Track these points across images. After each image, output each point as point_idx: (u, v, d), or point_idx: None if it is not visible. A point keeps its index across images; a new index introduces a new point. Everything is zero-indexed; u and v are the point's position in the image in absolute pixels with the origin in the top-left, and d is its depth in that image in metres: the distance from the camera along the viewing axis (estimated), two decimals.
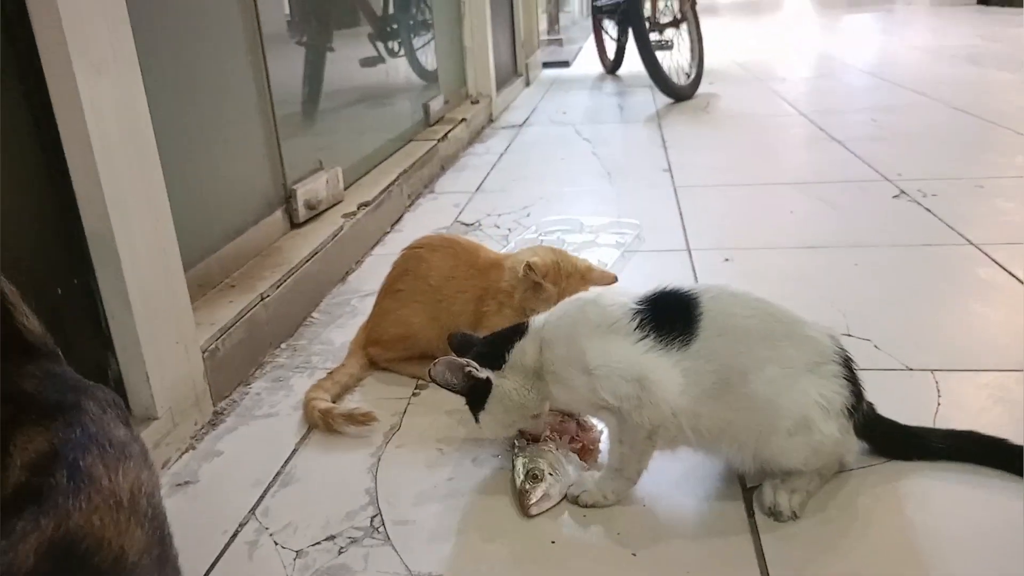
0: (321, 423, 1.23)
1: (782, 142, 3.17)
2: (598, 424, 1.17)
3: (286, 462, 1.18)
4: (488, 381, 1.04)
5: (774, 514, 0.99)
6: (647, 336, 0.98)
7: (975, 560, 0.91)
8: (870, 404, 1.05)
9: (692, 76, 4.22)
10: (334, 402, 1.28)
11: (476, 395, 1.06)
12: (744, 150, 3.04)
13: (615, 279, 1.37)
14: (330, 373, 1.36)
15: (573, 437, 1.14)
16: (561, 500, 1.04)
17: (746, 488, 1.05)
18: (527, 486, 1.03)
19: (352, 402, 1.33)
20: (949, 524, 0.96)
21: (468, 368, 1.04)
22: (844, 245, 1.91)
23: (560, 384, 1.02)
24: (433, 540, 1.00)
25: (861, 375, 1.02)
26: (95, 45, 1.05)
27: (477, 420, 1.08)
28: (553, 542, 0.98)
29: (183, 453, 1.21)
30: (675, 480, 1.08)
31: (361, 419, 1.22)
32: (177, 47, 1.44)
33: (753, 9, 11.36)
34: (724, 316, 0.99)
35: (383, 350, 1.42)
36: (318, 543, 1.00)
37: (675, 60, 4.22)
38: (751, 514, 1.00)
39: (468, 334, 1.14)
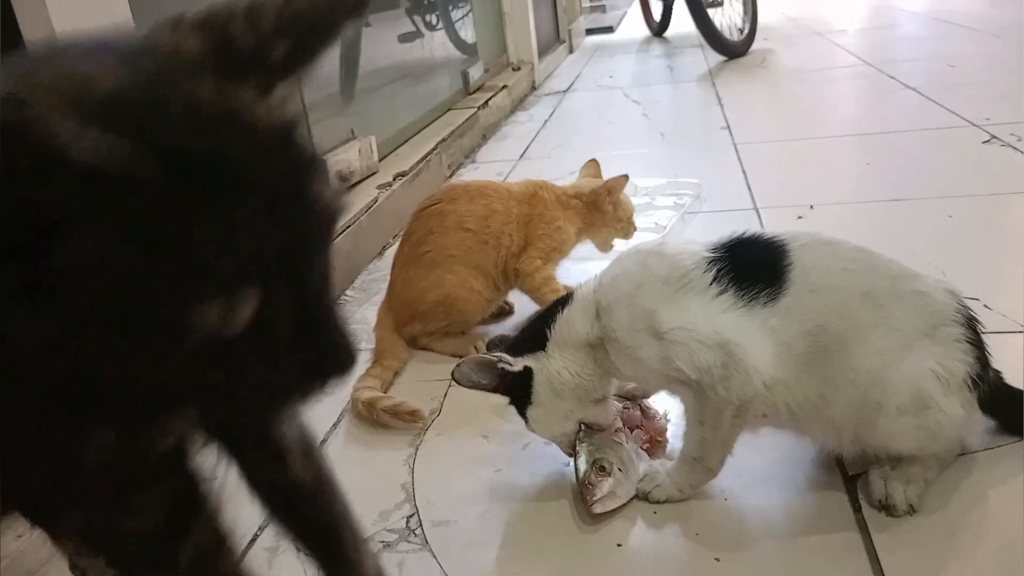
0: (365, 414, 1.10)
1: (849, 94, 2.93)
2: (660, 409, 1.02)
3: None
4: (528, 371, 0.88)
5: (886, 508, 0.82)
6: (726, 290, 0.81)
7: None
8: (997, 373, 0.87)
9: (745, 32, 3.96)
10: (385, 391, 1.15)
11: (518, 390, 0.90)
12: (808, 104, 2.81)
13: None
14: (377, 360, 1.22)
15: (639, 426, 0.98)
16: (629, 502, 0.88)
17: (848, 477, 0.88)
18: (593, 478, 0.87)
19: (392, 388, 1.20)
20: None
21: (500, 364, 0.88)
22: (933, 196, 1.70)
23: (624, 354, 0.85)
24: (477, 545, 0.85)
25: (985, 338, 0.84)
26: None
27: (527, 420, 0.91)
28: (619, 545, 0.83)
29: None
30: (760, 469, 0.91)
31: (408, 416, 1.08)
32: None
33: None
34: (818, 269, 0.81)
35: (423, 323, 1.27)
36: None
37: (727, 16, 3.97)
38: (857, 508, 0.84)
39: (505, 335, 0.99)
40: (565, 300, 0.91)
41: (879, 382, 0.79)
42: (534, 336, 0.90)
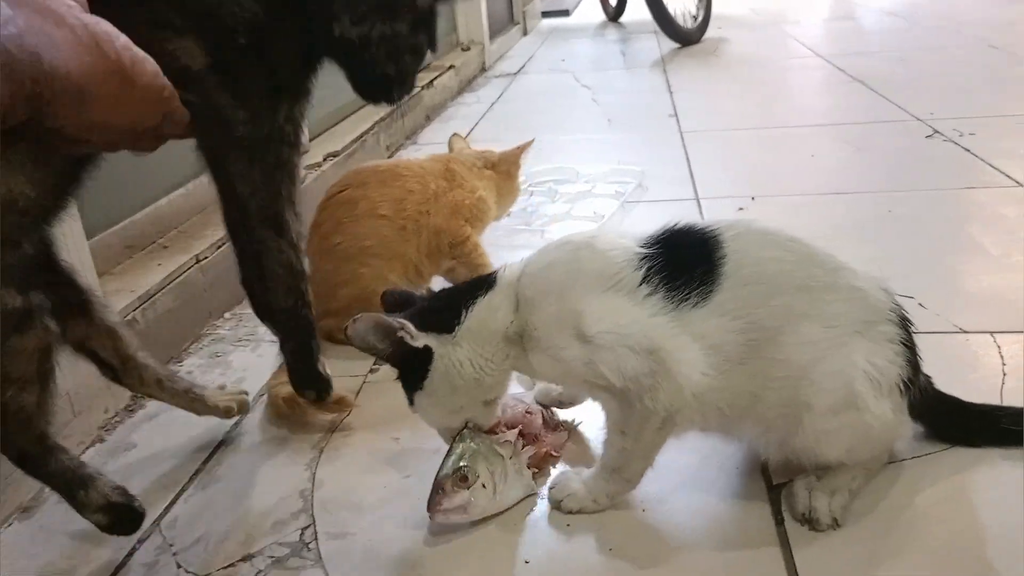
0: (288, 412, 1.02)
1: (799, 86, 2.91)
2: (564, 415, 0.95)
3: (209, 457, 0.97)
4: (427, 351, 0.79)
5: (810, 521, 0.77)
6: (658, 290, 0.75)
7: None
8: (927, 377, 0.83)
9: (699, 19, 3.92)
10: None
11: (411, 368, 0.81)
12: (757, 95, 2.78)
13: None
14: None
15: (536, 436, 0.90)
16: (480, 520, 0.81)
17: (772, 487, 0.84)
18: (447, 485, 0.79)
19: None
20: None
21: (401, 332, 0.79)
22: (875, 190, 1.67)
23: (544, 354, 0.78)
24: (374, 560, 0.79)
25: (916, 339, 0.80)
26: None
27: (411, 403, 0.83)
28: (527, 562, 0.77)
29: (88, 447, 1.00)
30: (680, 474, 0.86)
31: (335, 406, 1.00)
32: None
33: None
34: (752, 259, 0.76)
35: (338, 319, 1.19)
36: (232, 564, 0.79)
37: (681, 2, 3.93)
38: (779, 521, 0.79)
39: (408, 292, 0.89)
40: (487, 283, 0.82)
41: (809, 377, 0.74)
42: (444, 314, 0.81)
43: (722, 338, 0.74)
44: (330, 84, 0.77)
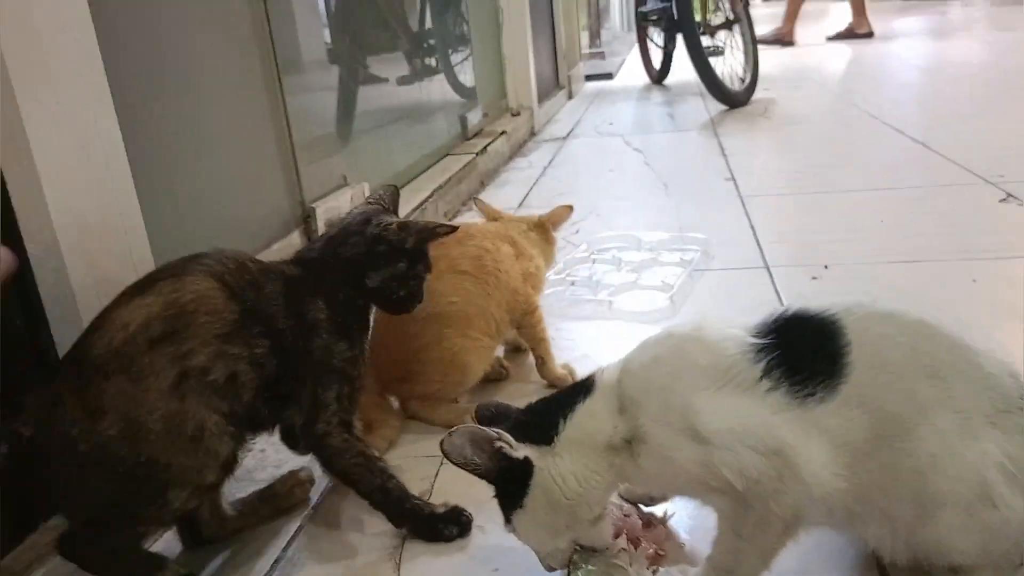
0: None
1: (855, 146, 2.87)
2: (657, 511, 0.90)
3: (289, 544, 0.94)
4: (528, 463, 0.76)
5: None
6: (779, 385, 0.70)
7: None
8: None
9: (747, 81, 3.94)
10: None
11: (510, 484, 0.77)
12: (814, 156, 2.75)
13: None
14: (370, 430, 1.10)
15: (638, 538, 0.85)
16: None
17: None
18: None
19: None
20: None
21: (499, 443, 0.76)
22: (954, 258, 1.62)
23: (655, 457, 0.74)
24: None
25: None
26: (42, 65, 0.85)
27: (508, 520, 0.78)
28: None
29: None
30: (788, 568, 0.80)
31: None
32: (187, 73, 1.25)
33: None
34: (878, 346, 0.71)
35: (415, 384, 1.16)
36: None
37: (728, 65, 3.95)
38: None
39: (503, 404, 0.85)
40: (584, 388, 0.79)
41: (940, 470, 0.69)
42: (543, 424, 0.78)
43: (851, 433, 0.69)
44: (387, 157, 0.77)
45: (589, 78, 5.72)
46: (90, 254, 0.90)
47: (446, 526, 0.91)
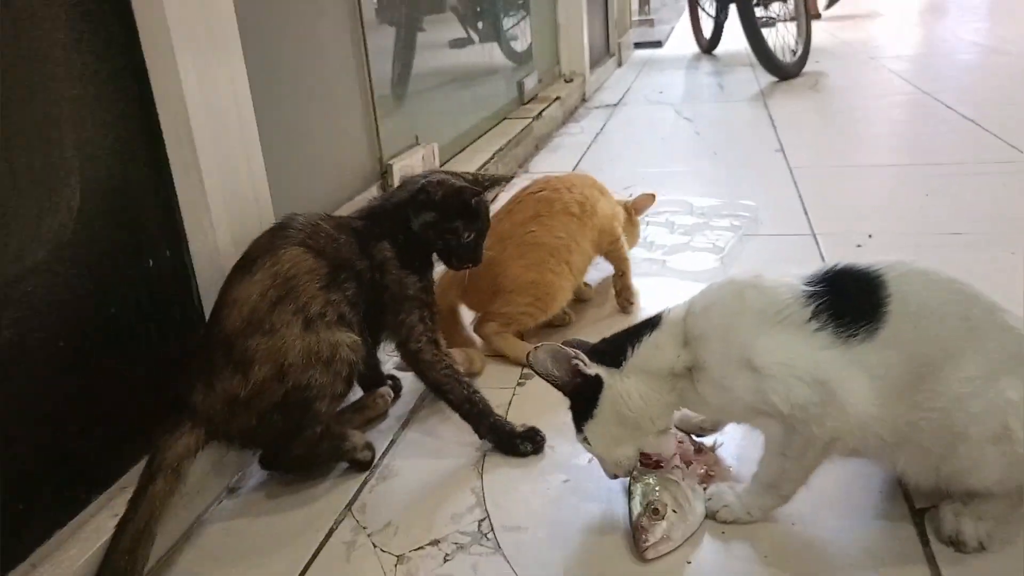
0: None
1: (905, 122, 2.91)
2: (708, 440, 1.03)
3: (384, 453, 1.08)
4: (598, 380, 0.89)
5: (956, 543, 0.83)
6: (825, 326, 0.82)
7: None
8: None
9: (799, 53, 3.96)
10: None
11: (582, 399, 0.90)
12: (863, 130, 2.80)
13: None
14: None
15: (690, 460, 0.98)
16: (683, 543, 0.87)
17: (915, 510, 0.90)
18: (645, 522, 0.86)
19: None
20: None
21: (575, 361, 0.89)
22: (995, 232, 1.70)
23: (714, 385, 0.86)
24: (550, 551, 0.88)
25: None
26: (195, 24, 0.98)
27: (579, 431, 0.92)
28: (689, 562, 0.85)
29: None
30: (827, 496, 0.92)
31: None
32: (281, 22, 1.37)
33: None
34: (915, 298, 0.82)
35: (506, 303, 1.30)
36: (421, 547, 0.90)
37: (780, 36, 3.97)
38: (925, 542, 0.85)
39: (582, 341, 0.97)
40: (653, 322, 0.91)
41: (965, 409, 0.79)
42: (614, 350, 0.91)
43: (886, 371, 0.80)
44: (453, 119, 0.89)
45: (638, 45, 5.74)
46: (231, 215, 1.05)
47: (523, 442, 1.05)
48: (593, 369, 0.89)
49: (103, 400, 0.91)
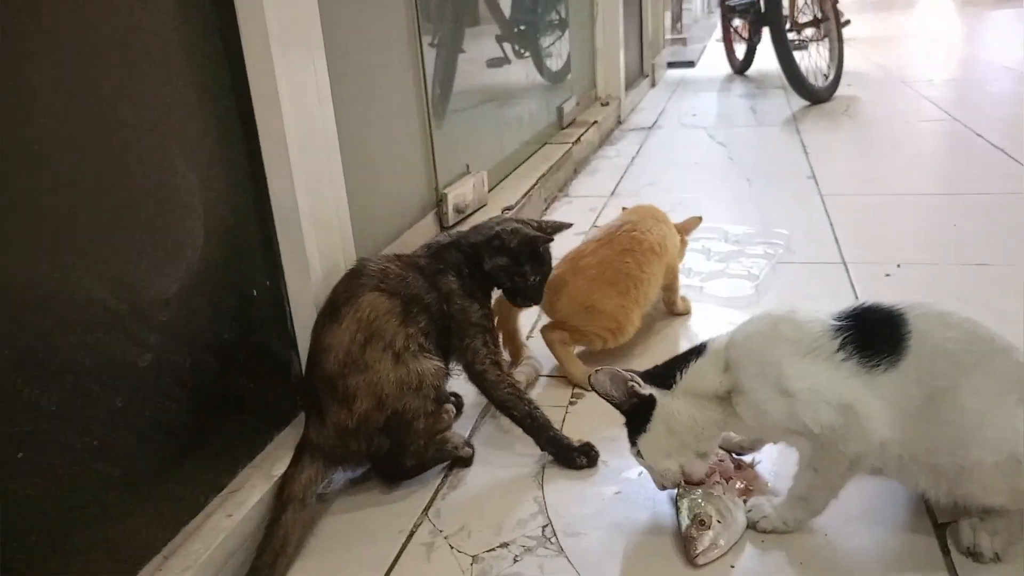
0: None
1: (936, 150, 2.99)
2: (747, 458, 1.14)
3: (450, 465, 1.20)
4: (652, 399, 1.01)
5: (973, 555, 0.93)
6: (851, 357, 0.93)
7: None
8: None
9: (831, 78, 4.05)
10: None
11: (637, 416, 1.02)
12: (893, 157, 2.89)
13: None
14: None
15: (730, 477, 1.09)
16: (730, 549, 0.98)
17: (938, 524, 1.00)
18: (693, 532, 0.97)
19: None
20: None
21: (631, 383, 1.01)
22: (1019, 263, 1.78)
23: (751, 407, 0.97)
24: (608, 555, 0.99)
25: None
26: (295, 44, 1.10)
27: (633, 444, 1.03)
28: (732, 567, 0.96)
29: None
30: (857, 510, 1.03)
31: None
32: (352, 45, 1.49)
33: (884, 5, 10.78)
34: (933, 336, 0.92)
35: (581, 322, 1.42)
36: (492, 549, 1.02)
37: (812, 61, 4.06)
38: (946, 552, 0.95)
39: (635, 371, 1.08)
40: (698, 350, 1.03)
41: (979, 436, 0.89)
42: (664, 375, 1.03)
43: (906, 401, 0.91)
44: (499, 146, 1.01)
45: (671, 65, 5.85)
46: (320, 245, 1.18)
47: (579, 456, 1.16)
48: (647, 390, 1.01)
49: (219, 413, 1.05)
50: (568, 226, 1.35)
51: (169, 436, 0.96)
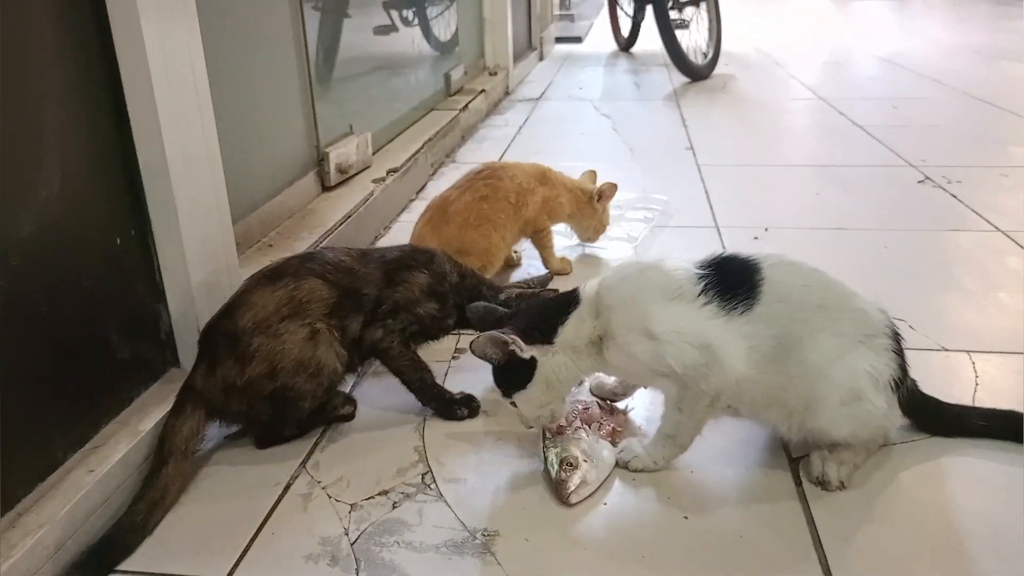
0: None
1: (803, 126, 3.17)
2: (620, 405, 1.19)
3: (331, 422, 1.19)
4: (533, 360, 1.02)
5: (822, 483, 1.00)
6: (711, 302, 0.98)
7: (1014, 535, 0.93)
8: (913, 381, 1.07)
9: (710, 56, 4.20)
10: None
11: (514, 373, 1.03)
12: (765, 132, 3.04)
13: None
14: None
15: (600, 423, 1.13)
16: (599, 487, 1.02)
17: (792, 459, 1.07)
18: (563, 475, 1.00)
19: None
20: (988, 500, 0.98)
21: (512, 346, 1.01)
22: (873, 228, 1.92)
23: (619, 351, 1.01)
24: (485, 498, 1.01)
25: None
26: None
27: (510, 396, 1.05)
28: (605, 504, 1.00)
29: None
30: (719, 449, 1.09)
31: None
32: (221, 5, 1.43)
33: None
34: (784, 284, 0.99)
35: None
36: (371, 497, 1.01)
37: (693, 39, 4.20)
38: (799, 483, 1.02)
39: (489, 306, 1.13)
40: (572, 300, 1.05)
41: (824, 376, 0.97)
42: (544, 329, 1.03)
43: (759, 341, 0.97)
44: (384, 109, 1.01)
45: (559, 40, 5.91)
46: (189, 182, 1.12)
47: (459, 408, 1.17)
48: (528, 353, 1.02)
49: (80, 365, 0.99)
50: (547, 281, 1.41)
51: (22, 387, 0.90)
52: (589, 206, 1.74)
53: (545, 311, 1.08)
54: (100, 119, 1.03)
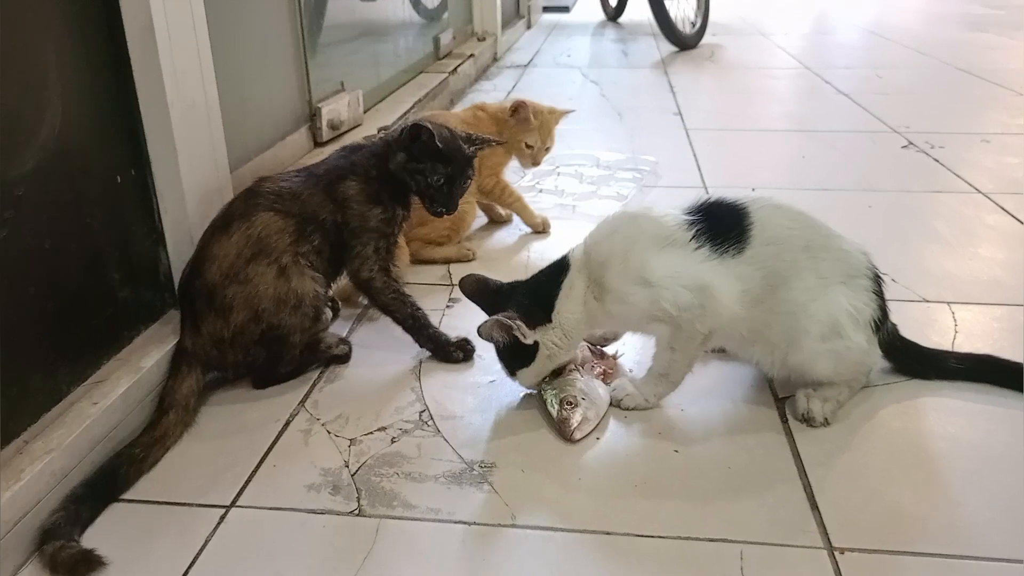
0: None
1: (789, 93, 3.19)
2: (609, 350, 1.21)
3: (327, 363, 1.21)
4: (536, 345, 1.04)
5: (807, 420, 1.04)
6: (703, 246, 1.00)
7: (984, 466, 0.97)
8: (894, 324, 1.11)
9: (697, 26, 4.20)
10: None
11: (520, 354, 1.05)
12: (752, 98, 3.06)
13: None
14: None
15: (593, 365, 1.16)
16: (599, 423, 1.05)
17: (778, 398, 1.11)
18: (564, 413, 1.03)
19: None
20: (963, 434, 1.03)
21: (516, 332, 1.02)
22: (857, 189, 1.96)
23: (617, 301, 1.03)
24: (481, 433, 1.04)
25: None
26: None
27: (512, 372, 1.07)
28: (598, 439, 1.03)
29: None
30: (709, 389, 1.12)
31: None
32: None
33: None
34: (772, 225, 1.02)
35: (431, 230, 1.53)
36: (371, 432, 1.04)
37: (681, 9, 4.20)
38: (784, 419, 1.06)
39: (482, 277, 1.11)
40: (563, 266, 1.06)
41: (806, 312, 1.01)
42: (542, 306, 1.04)
43: (749, 281, 1.00)
44: (375, 69, 1.02)
45: (546, 9, 5.87)
46: (188, 126, 1.13)
47: (456, 350, 1.20)
48: (531, 337, 1.03)
49: (82, 302, 1.00)
50: (498, 142, 1.35)
51: (26, 321, 0.91)
52: (524, 123, 1.66)
53: (540, 285, 1.08)
54: (101, 57, 1.04)
